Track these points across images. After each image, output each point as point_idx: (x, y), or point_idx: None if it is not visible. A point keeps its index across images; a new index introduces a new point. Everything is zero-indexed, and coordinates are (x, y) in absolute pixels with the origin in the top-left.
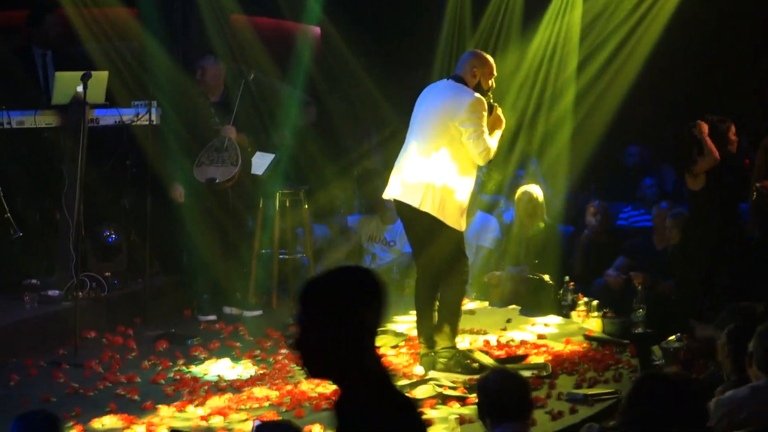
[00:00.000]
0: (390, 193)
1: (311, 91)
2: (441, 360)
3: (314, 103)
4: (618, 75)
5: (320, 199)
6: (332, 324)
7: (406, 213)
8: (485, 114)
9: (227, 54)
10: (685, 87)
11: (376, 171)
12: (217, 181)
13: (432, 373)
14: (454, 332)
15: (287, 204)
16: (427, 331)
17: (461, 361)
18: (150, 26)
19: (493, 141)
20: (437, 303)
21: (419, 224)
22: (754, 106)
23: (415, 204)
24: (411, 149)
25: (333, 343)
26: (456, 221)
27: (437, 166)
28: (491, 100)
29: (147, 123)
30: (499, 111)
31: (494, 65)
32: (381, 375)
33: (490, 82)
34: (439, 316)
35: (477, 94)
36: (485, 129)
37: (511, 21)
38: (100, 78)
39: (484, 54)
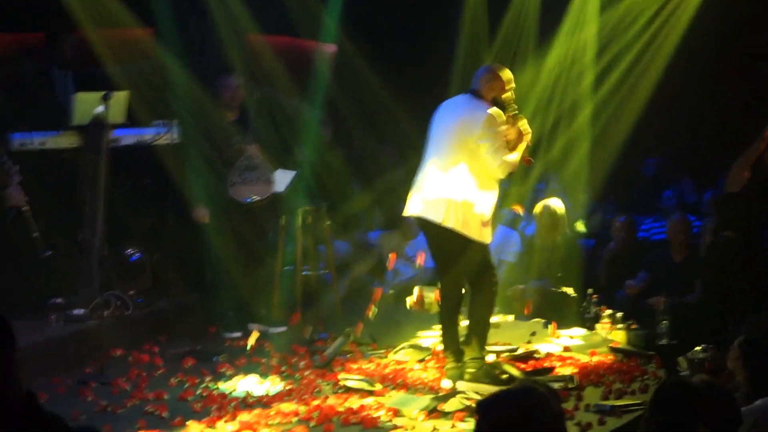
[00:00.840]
0: (411, 210)
1: (328, 108)
2: (469, 371)
3: (330, 122)
4: (636, 87)
5: (341, 215)
6: None
7: (430, 229)
8: (502, 128)
9: (245, 73)
10: (702, 98)
11: (397, 187)
12: (257, 199)
13: (460, 385)
14: (483, 344)
15: (309, 220)
16: (453, 345)
17: (490, 372)
18: (168, 45)
19: (514, 154)
20: (463, 316)
21: (444, 240)
22: None
23: (438, 220)
24: (430, 166)
25: None
26: (479, 234)
27: (457, 181)
28: (515, 112)
29: (168, 142)
30: (523, 123)
31: (511, 77)
32: None
33: (509, 93)
34: (468, 329)
35: (492, 109)
36: (503, 143)
37: (528, 35)
38: (121, 98)
39: (500, 66)
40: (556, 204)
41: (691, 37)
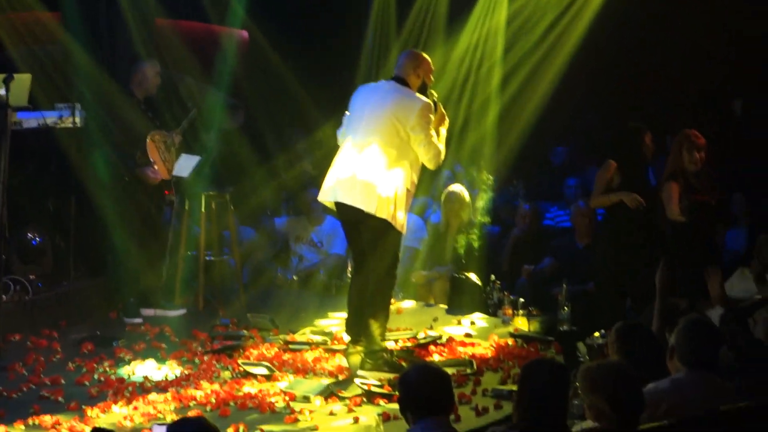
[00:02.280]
0: (331, 195)
1: (237, 94)
2: (369, 361)
3: (242, 107)
4: (543, 71)
5: (247, 201)
6: None
7: (351, 216)
8: (432, 118)
9: (153, 57)
10: (611, 84)
11: (303, 172)
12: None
13: (361, 374)
14: (383, 333)
15: (213, 206)
16: (357, 330)
17: (389, 360)
18: (73, 30)
19: (442, 145)
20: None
21: (367, 228)
22: (682, 106)
23: (369, 209)
24: (351, 151)
25: None
26: (402, 225)
27: (388, 170)
28: (435, 98)
29: (71, 125)
30: (441, 107)
31: (430, 60)
32: None
33: (431, 78)
34: (366, 317)
35: (425, 99)
36: (434, 133)
37: (436, 22)
38: (23, 80)
39: (422, 53)
40: (461, 190)
41: (599, 21)
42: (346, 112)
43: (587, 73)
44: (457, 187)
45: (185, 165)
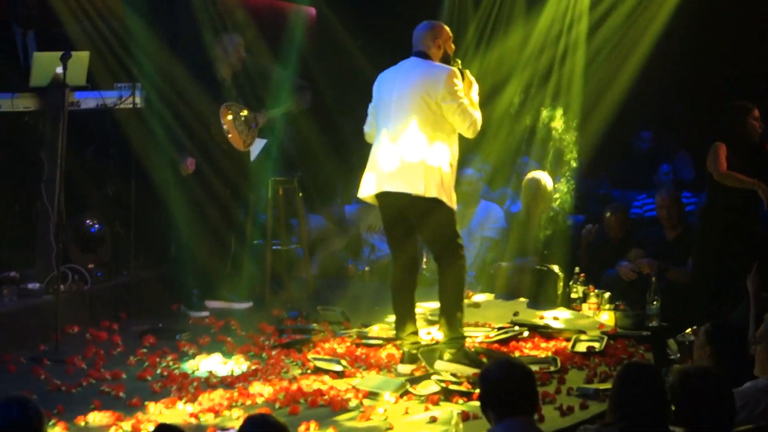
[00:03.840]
0: (375, 188)
1: (305, 74)
2: (450, 350)
3: (309, 88)
4: (628, 57)
5: (316, 187)
6: None
7: (398, 203)
8: (461, 85)
9: (214, 34)
10: (699, 68)
11: None
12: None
13: (438, 365)
14: (461, 322)
15: (280, 192)
16: (413, 324)
17: (469, 353)
18: (133, 4)
19: (477, 111)
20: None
21: (417, 212)
22: None
23: (417, 191)
24: (390, 138)
25: None
26: (453, 199)
27: (429, 148)
28: (459, 65)
29: (131, 106)
30: (469, 73)
31: (449, 29)
32: None
33: (452, 45)
34: (442, 305)
35: (450, 67)
36: (465, 101)
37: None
38: (81, 58)
39: (439, 22)
40: (544, 177)
41: (684, 8)
42: (370, 105)
43: (672, 58)
44: (537, 174)
45: (251, 149)
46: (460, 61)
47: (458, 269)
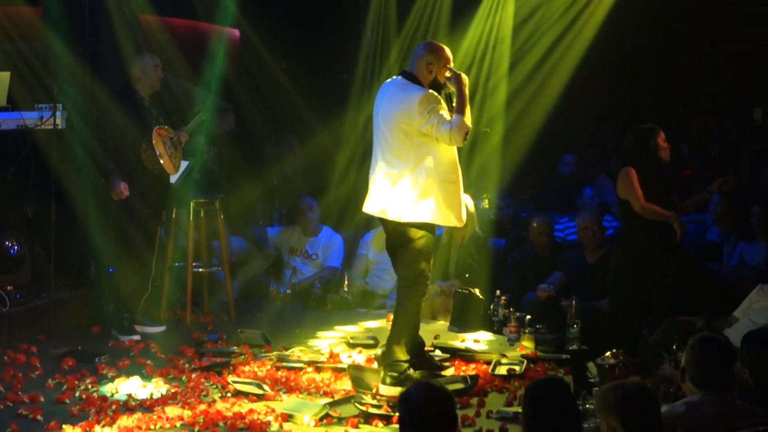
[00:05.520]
0: (366, 207)
1: (228, 96)
2: (392, 374)
3: (233, 110)
4: (549, 80)
5: (237, 209)
6: None
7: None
8: (439, 103)
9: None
10: (618, 92)
11: (297, 179)
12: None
13: (382, 389)
14: (408, 346)
15: (201, 214)
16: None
17: (410, 377)
18: (55, 26)
19: (457, 116)
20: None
21: (389, 232)
22: (694, 112)
23: (393, 216)
24: (377, 158)
25: None
26: (449, 218)
27: (408, 172)
28: (450, 92)
29: (51, 128)
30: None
31: (449, 53)
32: None
33: (447, 73)
34: (394, 327)
35: (423, 90)
36: (444, 113)
37: (439, 21)
38: (2, 79)
39: (438, 44)
40: (466, 199)
41: (603, 34)
42: None
43: (594, 81)
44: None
45: None
46: (453, 89)
47: (419, 294)
